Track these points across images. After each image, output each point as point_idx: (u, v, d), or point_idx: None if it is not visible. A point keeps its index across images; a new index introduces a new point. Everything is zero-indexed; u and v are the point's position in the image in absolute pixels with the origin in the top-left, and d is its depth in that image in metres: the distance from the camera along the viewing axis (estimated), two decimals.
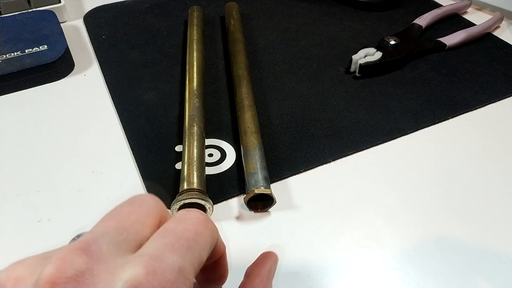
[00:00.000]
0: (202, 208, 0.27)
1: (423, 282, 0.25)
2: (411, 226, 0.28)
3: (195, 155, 0.30)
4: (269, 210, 0.29)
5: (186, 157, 0.30)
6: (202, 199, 0.27)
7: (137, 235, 0.16)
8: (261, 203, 0.29)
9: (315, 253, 0.27)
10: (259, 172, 0.29)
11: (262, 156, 0.30)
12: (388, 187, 0.31)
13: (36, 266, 0.15)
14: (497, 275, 0.26)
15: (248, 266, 0.23)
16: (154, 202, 0.18)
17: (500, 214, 0.29)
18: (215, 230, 0.18)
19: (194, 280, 0.18)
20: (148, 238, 0.17)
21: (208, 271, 0.21)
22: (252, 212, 0.29)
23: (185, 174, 0.28)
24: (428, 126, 0.36)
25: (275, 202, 0.29)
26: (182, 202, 0.26)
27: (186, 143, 0.31)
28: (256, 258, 0.24)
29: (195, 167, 0.29)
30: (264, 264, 0.23)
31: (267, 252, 0.24)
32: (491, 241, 0.28)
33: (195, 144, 0.31)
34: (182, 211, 0.18)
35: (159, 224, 0.18)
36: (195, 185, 0.28)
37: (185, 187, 0.27)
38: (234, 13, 0.48)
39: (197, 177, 0.28)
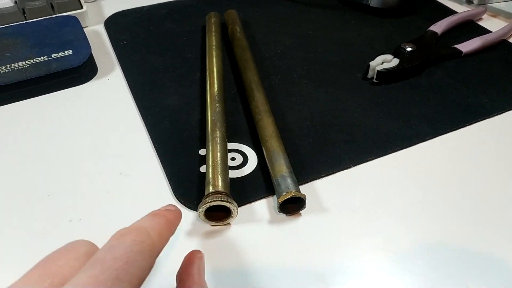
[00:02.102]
0: (228, 210, 0.28)
1: (444, 287, 0.26)
2: (431, 231, 0.29)
3: (218, 159, 0.31)
4: (298, 213, 0.30)
5: (210, 161, 0.31)
6: (228, 202, 0.27)
7: (64, 279, 0.16)
8: (290, 206, 0.30)
9: (337, 257, 0.27)
10: (290, 176, 0.29)
11: (288, 161, 0.31)
12: (409, 192, 0.32)
13: None
14: None
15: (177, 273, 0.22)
16: (86, 246, 0.18)
17: None
18: (154, 253, 0.17)
19: None
20: None
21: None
22: (276, 215, 0.30)
23: (210, 177, 0.29)
24: (446, 132, 0.37)
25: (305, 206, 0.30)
26: (208, 205, 0.27)
27: (210, 148, 0.32)
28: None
29: (219, 170, 0.30)
30: (191, 265, 0.22)
31: (191, 252, 0.23)
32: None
33: (218, 148, 0.31)
34: (117, 235, 0.17)
35: None
36: (220, 188, 0.29)
37: (211, 190, 0.28)
38: (237, 20, 0.49)
39: (221, 180, 0.29)
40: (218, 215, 0.29)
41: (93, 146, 0.35)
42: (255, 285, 0.26)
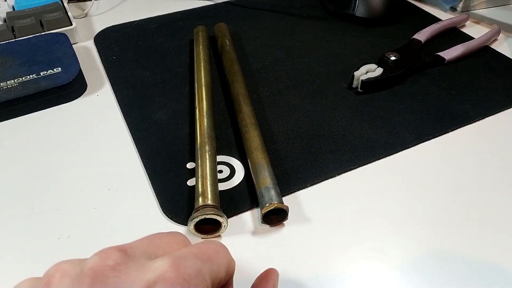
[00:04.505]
0: (218, 223, 0.29)
1: None
2: (416, 237, 0.30)
3: (208, 172, 0.31)
4: (282, 223, 0.30)
5: (199, 174, 0.31)
6: (218, 215, 0.28)
7: (165, 252, 0.19)
8: (274, 217, 0.30)
9: (323, 266, 0.28)
10: (273, 188, 0.30)
11: (272, 172, 0.32)
12: (393, 199, 0.32)
13: (78, 263, 0.18)
14: (503, 284, 0.27)
15: (253, 282, 0.24)
16: (182, 235, 0.21)
17: (501, 226, 0.30)
18: (231, 257, 0.21)
19: None
20: None
21: None
22: (263, 226, 0.30)
23: (200, 191, 0.30)
24: (429, 139, 0.37)
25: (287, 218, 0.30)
26: (198, 219, 0.28)
27: (199, 161, 0.32)
28: (261, 270, 0.25)
29: (209, 183, 0.30)
30: (268, 279, 0.25)
31: (270, 268, 0.26)
32: (493, 253, 0.29)
33: (207, 161, 0.32)
34: (206, 240, 0.22)
35: None
36: (209, 202, 0.29)
37: (200, 203, 0.29)
38: (227, 33, 0.49)
39: (211, 193, 0.30)
40: (208, 227, 0.29)
41: (82, 162, 0.35)
42: None
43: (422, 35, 0.50)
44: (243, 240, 0.29)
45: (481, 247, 0.29)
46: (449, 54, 0.47)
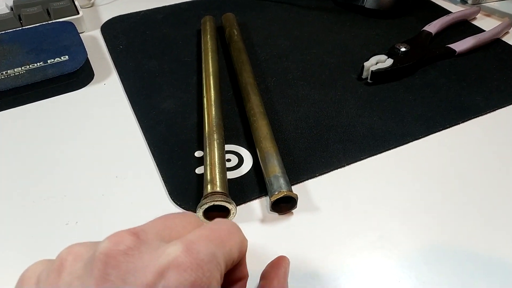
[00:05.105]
0: (226, 210, 0.28)
1: (437, 281, 0.26)
2: (424, 227, 0.29)
3: (216, 159, 0.31)
4: (291, 211, 0.30)
5: (208, 162, 0.31)
6: (227, 202, 0.28)
7: (178, 234, 0.19)
8: (283, 205, 0.30)
9: (331, 254, 0.28)
10: (282, 176, 0.30)
11: (281, 161, 0.31)
12: (402, 190, 0.32)
13: (91, 246, 0.18)
14: (509, 276, 0.26)
15: (263, 269, 0.24)
16: (194, 216, 0.21)
17: (510, 217, 0.30)
18: (243, 236, 0.21)
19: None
20: None
21: (230, 273, 0.23)
22: (272, 214, 0.30)
23: (208, 178, 0.30)
24: (439, 130, 0.37)
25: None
26: (207, 205, 0.27)
27: (208, 149, 0.32)
28: (269, 258, 0.25)
29: (217, 171, 0.30)
30: (280, 266, 0.25)
31: (280, 256, 0.26)
32: (502, 245, 0.28)
33: (216, 149, 0.32)
34: (218, 219, 0.21)
35: None
36: (218, 189, 0.29)
37: (209, 190, 0.29)
38: (234, 23, 0.49)
39: (220, 180, 0.29)
40: (216, 214, 0.29)
41: (90, 150, 0.35)
42: (249, 284, 0.26)
43: (432, 27, 0.49)
44: (252, 227, 0.29)
45: (490, 239, 0.29)
46: (460, 46, 0.46)
